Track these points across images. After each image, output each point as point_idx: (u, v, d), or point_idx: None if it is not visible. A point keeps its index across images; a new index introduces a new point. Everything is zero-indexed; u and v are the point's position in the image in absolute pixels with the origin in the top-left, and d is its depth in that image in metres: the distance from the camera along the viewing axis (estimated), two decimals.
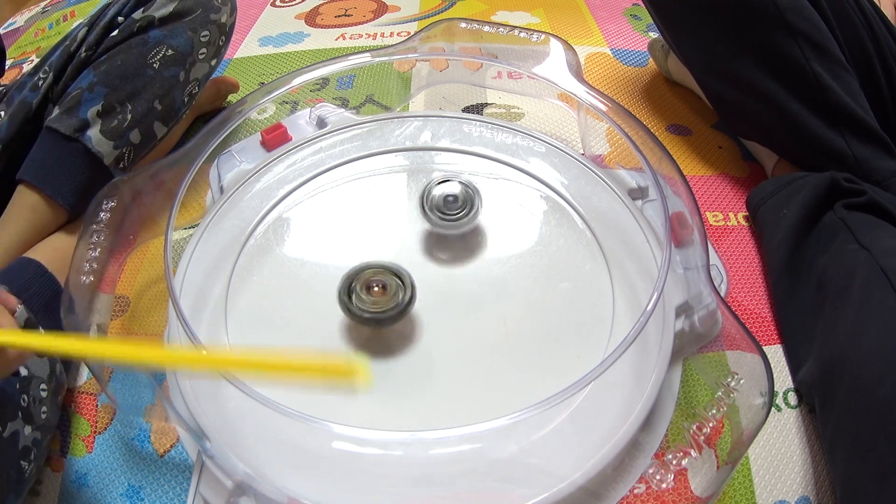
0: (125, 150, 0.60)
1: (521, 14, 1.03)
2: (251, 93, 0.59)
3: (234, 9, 0.69)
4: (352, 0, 1.10)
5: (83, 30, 0.62)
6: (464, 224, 0.51)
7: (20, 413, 0.41)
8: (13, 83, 0.65)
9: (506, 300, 0.49)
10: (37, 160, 0.58)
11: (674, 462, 0.38)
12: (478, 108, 0.77)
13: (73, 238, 0.58)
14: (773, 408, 0.48)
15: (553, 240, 0.53)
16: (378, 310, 0.44)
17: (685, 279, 0.48)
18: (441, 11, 1.05)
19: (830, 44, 0.58)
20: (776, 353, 0.52)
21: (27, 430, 0.42)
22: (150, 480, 0.46)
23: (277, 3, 1.11)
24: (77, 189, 0.58)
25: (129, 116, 0.60)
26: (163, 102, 0.62)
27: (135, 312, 0.57)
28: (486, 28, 0.67)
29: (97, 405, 0.51)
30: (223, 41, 0.67)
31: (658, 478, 0.38)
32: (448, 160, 0.61)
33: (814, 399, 0.46)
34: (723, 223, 0.63)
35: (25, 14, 1.28)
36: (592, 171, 0.58)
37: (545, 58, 0.63)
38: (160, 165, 0.55)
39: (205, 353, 0.23)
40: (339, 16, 1.05)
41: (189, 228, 0.62)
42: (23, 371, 0.43)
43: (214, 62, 0.67)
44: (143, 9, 0.62)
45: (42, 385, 0.44)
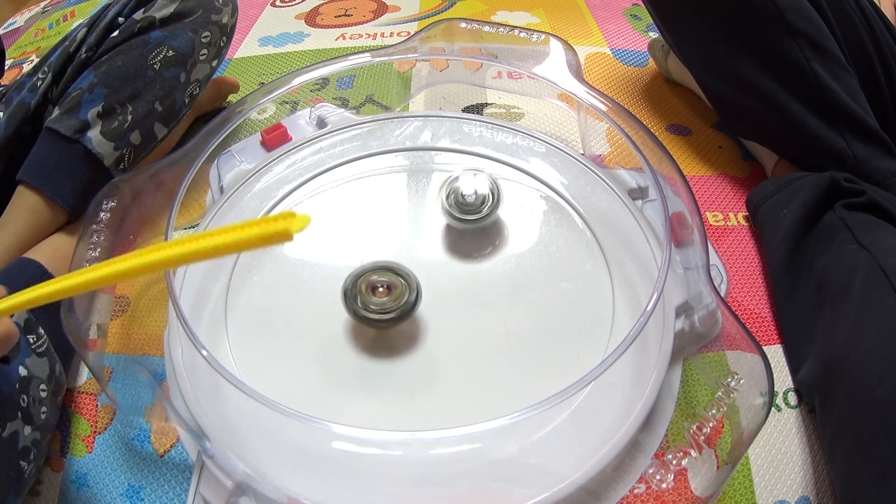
0: (125, 151, 0.60)
1: (521, 14, 1.03)
2: (251, 93, 0.60)
3: (236, 10, 0.69)
4: (352, 0, 1.10)
5: (83, 30, 0.62)
6: (485, 219, 0.51)
7: (20, 413, 0.41)
8: (12, 83, 0.65)
9: (506, 300, 0.50)
10: (36, 161, 0.58)
11: (674, 462, 0.38)
12: (478, 108, 0.77)
13: (73, 239, 0.58)
14: (773, 408, 0.48)
15: (553, 240, 0.53)
16: (383, 311, 0.44)
17: (685, 279, 0.48)
18: (441, 11, 1.05)
19: (830, 44, 0.58)
20: (776, 353, 0.52)
21: (27, 431, 0.42)
22: (150, 480, 0.46)
23: (277, 3, 1.12)
24: (77, 190, 0.58)
25: (130, 117, 0.60)
26: (163, 103, 0.62)
27: (135, 312, 0.57)
28: (486, 28, 0.67)
29: (97, 405, 0.51)
30: (224, 42, 0.67)
31: (658, 478, 0.38)
32: (448, 160, 0.61)
33: (814, 399, 0.46)
34: (723, 223, 0.63)
35: (25, 14, 1.28)
36: (592, 171, 0.58)
37: (545, 58, 0.63)
38: (160, 165, 0.55)
39: (147, 251, 0.23)
40: (339, 16, 1.05)
41: (189, 228, 0.62)
42: (22, 371, 0.43)
43: (215, 63, 0.67)
44: (144, 9, 0.62)
45: (42, 385, 0.44)
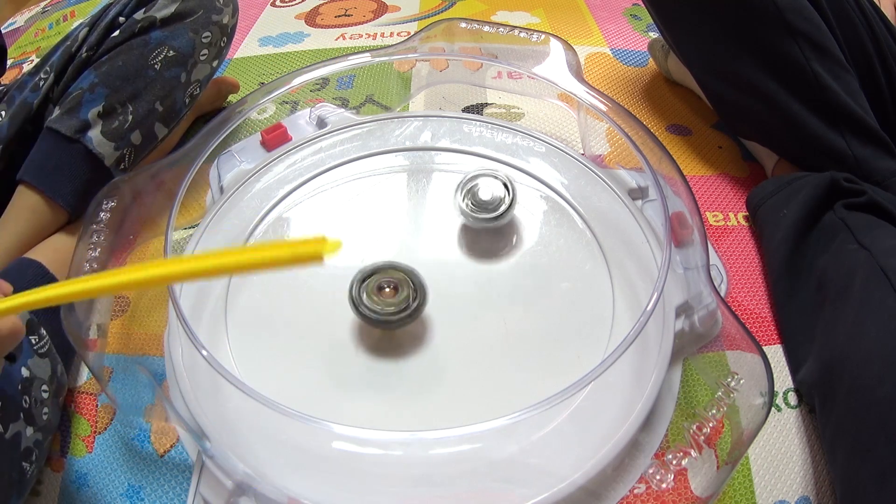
0: (126, 151, 0.60)
1: (521, 14, 1.03)
2: (251, 93, 0.60)
3: (236, 10, 0.69)
4: (352, 0, 1.10)
5: (84, 30, 0.62)
6: (500, 219, 0.51)
7: (22, 414, 0.41)
8: (13, 83, 0.65)
9: (506, 300, 0.50)
10: (37, 161, 0.58)
11: (674, 462, 0.38)
12: (478, 108, 0.77)
13: (74, 238, 0.58)
14: (773, 408, 0.48)
15: (553, 240, 0.53)
16: (388, 312, 0.44)
17: (685, 279, 0.48)
18: (441, 11, 1.05)
19: (830, 44, 0.58)
20: (776, 353, 0.52)
21: (29, 432, 0.42)
22: (150, 480, 0.46)
23: (277, 3, 1.12)
24: (77, 190, 0.58)
25: (130, 117, 0.60)
26: (164, 103, 0.62)
27: (135, 312, 0.57)
28: (486, 28, 0.67)
29: (97, 405, 0.51)
30: (225, 42, 0.67)
31: (658, 478, 0.38)
32: (448, 160, 0.61)
33: (814, 399, 0.46)
34: (723, 223, 0.63)
35: (25, 14, 1.28)
36: (592, 171, 0.58)
37: (545, 58, 0.63)
38: (160, 165, 0.55)
39: (175, 261, 0.23)
40: (339, 16, 1.05)
41: (189, 228, 0.62)
42: (24, 373, 0.43)
43: (216, 63, 0.67)
44: (145, 9, 0.62)
45: (43, 386, 0.44)
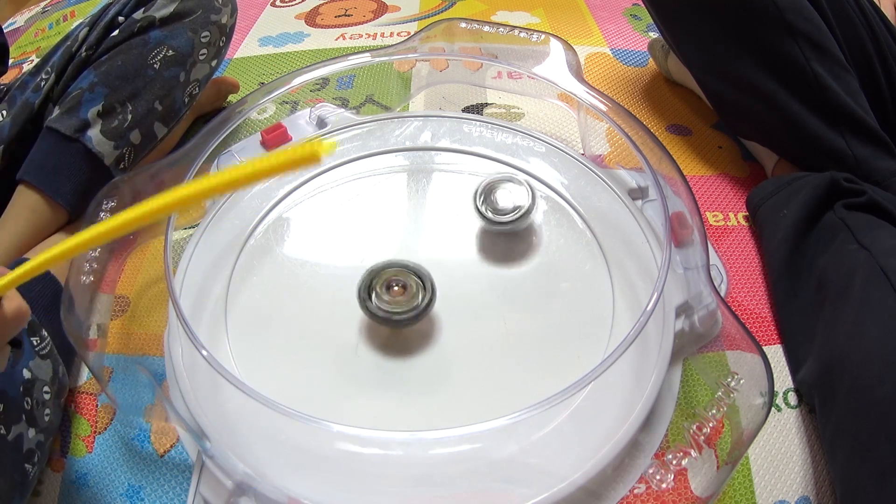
0: (125, 151, 0.60)
1: (521, 14, 1.03)
2: (251, 93, 0.59)
3: (235, 10, 0.69)
4: (352, 0, 1.10)
5: (84, 30, 0.62)
6: (519, 224, 0.51)
7: (24, 416, 0.41)
8: (13, 82, 0.65)
9: (505, 300, 0.50)
10: (37, 160, 0.58)
11: (674, 462, 0.38)
12: (478, 108, 0.77)
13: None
14: (773, 408, 0.48)
15: (553, 240, 0.53)
16: (397, 310, 0.44)
17: (685, 279, 0.48)
18: (441, 11, 1.05)
19: (830, 44, 0.58)
20: (776, 353, 0.52)
21: (31, 434, 0.42)
22: (150, 480, 0.46)
23: (277, 3, 1.11)
24: (77, 189, 0.58)
25: (130, 117, 0.60)
26: (163, 103, 0.62)
27: (135, 312, 0.57)
28: (486, 28, 0.67)
29: (97, 405, 0.51)
30: (224, 42, 0.67)
31: (658, 478, 0.38)
32: (448, 160, 0.61)
33: (814, 399, 0.46)
34: (723, 223, 0.63)
35: (25, 14, 1.28)
36: (592, 171, 0.58)
37: (545, 58, 0.63)
38: (160, 165, 0.55)
39: (183, 187, 0.23)
40: (339, 16, 1.05)
41: (189, 228, 0.62)
42: (26, 374, 0.43)
43: (215, 63, 0.67)
44: (144, 9, 0.62)
45: (45, 388, 0.44)
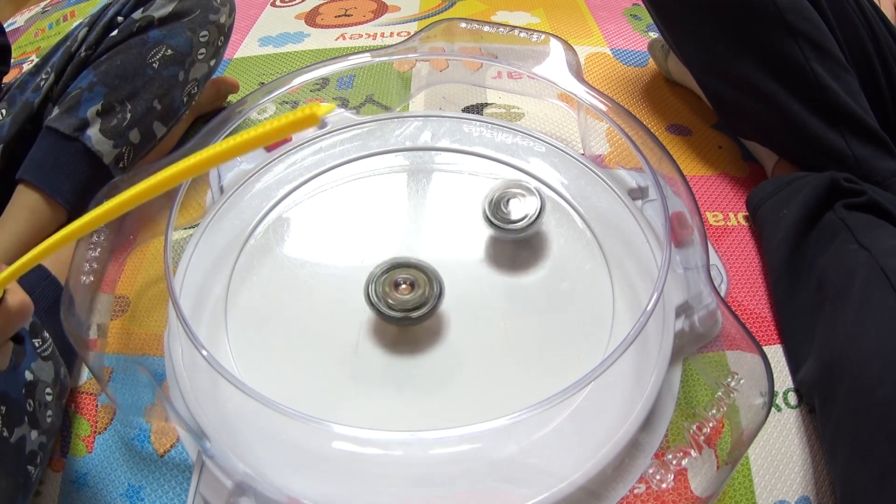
0: (125, 150, 0.60)
1: (521, 14, 1.03)
2: (251, 93, 0.59)
3: (233, 9, 0.69)
4: (352, 0, 1.10)
5: (83, 30, 0.62)
6: (528, 230, 0.51)
7: (26, 418, 0.41)
8: (13, 82, 0.65)
9: (505, 300, 0.50)
10: (36, 159, 0.58)
11: (674, 462, 0.38)
12: (478, 108, 0.77)
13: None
14: (773, 408, 0.48)
15: (553, 240, 0.53)
16: (407, 308, 0.44)
17: (685, 279, 0.48)
18: (441, 11, 1.05)
19: (830, 44, 0.58)
20: (776, 353, 0.52)
21: (34, 435, 0.42)
22: (150, 480, 0.46)
23: (277, 3, 1.11)
24: (77, 188, 0.58)
25: (129, 116, 0.60)
26: (162, 102, 0.62)
27: (135, 312, 0.57)
28: (486, 28, 0.67)
29: (97, 405, 0.51)
30: (222, 41, 0.67)
31: (658, 478, 0.38)
32: (448, 160, 0.61)
33: (814, 399, 0.46)
34: (723, 223, 0.63)
35: (25, 14, 1.28)
36: (592, 171, 0.58)
37: (545, 58, 0.63)
38: (160, 165, 0.55)
39: (188, 159, 0.22)
40: (339, 16, 1.05)
41: (189, 228, 0.62)
42: (28, 376, 0.43)
43: (213, 62, 0.67)
44: (143, 9, 0.62)
45: (47, 389, 0.44)
